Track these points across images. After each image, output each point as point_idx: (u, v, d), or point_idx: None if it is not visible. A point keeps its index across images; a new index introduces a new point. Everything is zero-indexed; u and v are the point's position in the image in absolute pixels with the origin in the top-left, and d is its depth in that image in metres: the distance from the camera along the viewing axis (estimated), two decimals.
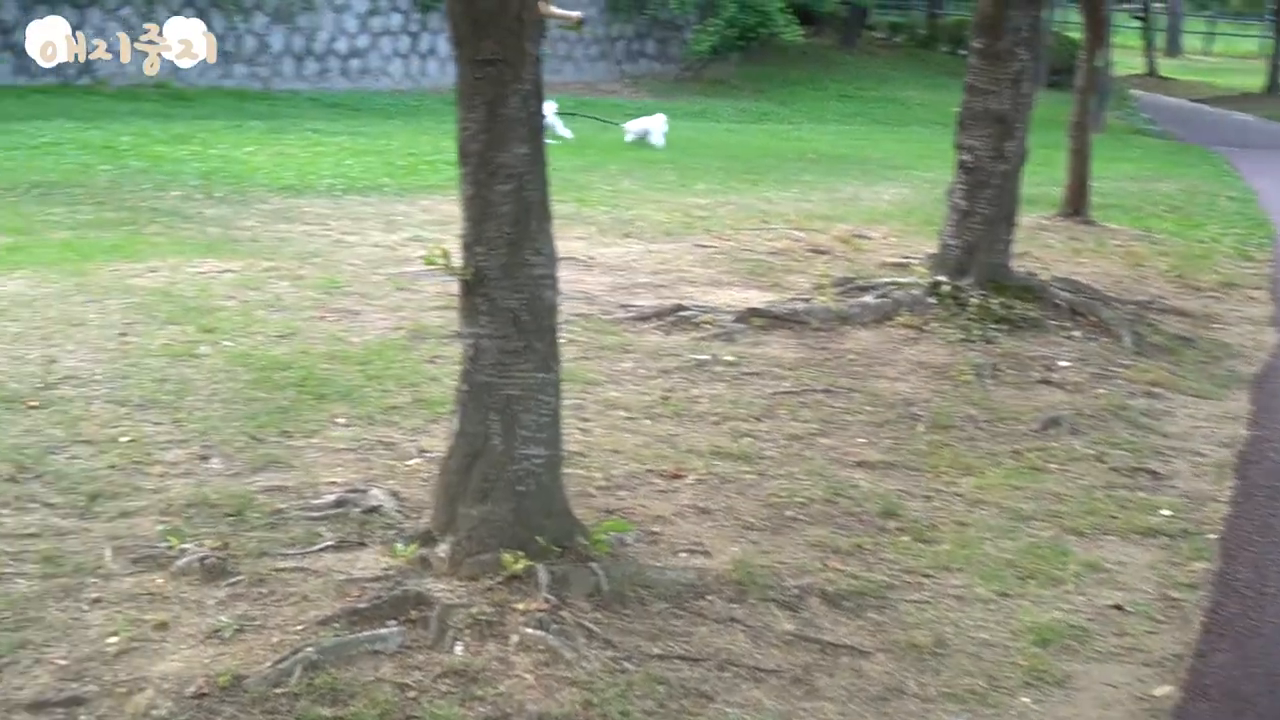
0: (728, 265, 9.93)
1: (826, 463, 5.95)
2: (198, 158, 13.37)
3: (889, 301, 8.53)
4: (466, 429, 4.57)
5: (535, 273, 4.64)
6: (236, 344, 7.00)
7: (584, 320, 8.07)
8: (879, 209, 13.35)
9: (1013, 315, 8.39)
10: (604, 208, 12.23)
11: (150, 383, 6.27)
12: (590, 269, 9.56)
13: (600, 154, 16.55)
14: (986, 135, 8.70)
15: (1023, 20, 8.62)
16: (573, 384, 6.76)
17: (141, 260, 8.68)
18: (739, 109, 26.54)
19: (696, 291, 9.06)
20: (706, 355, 7.49)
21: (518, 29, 4.55)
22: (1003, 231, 8.82)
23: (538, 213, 4.66)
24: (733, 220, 12.03)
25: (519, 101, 4.58)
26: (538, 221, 4.66)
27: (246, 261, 8.91)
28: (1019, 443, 6.43)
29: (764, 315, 8.19)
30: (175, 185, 11.72)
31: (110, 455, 5.38)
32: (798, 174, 16.12)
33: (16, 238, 9.16)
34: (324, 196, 11.83)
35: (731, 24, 28.83)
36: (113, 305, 7.53)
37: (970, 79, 8.80)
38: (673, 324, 8.10)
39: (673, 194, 13.48)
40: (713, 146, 18.63)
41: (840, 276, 9.44)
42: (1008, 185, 8.77)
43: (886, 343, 8.02)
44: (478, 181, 4.62)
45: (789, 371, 7.32)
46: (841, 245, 11.10)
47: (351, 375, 6.64)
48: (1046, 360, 7.83)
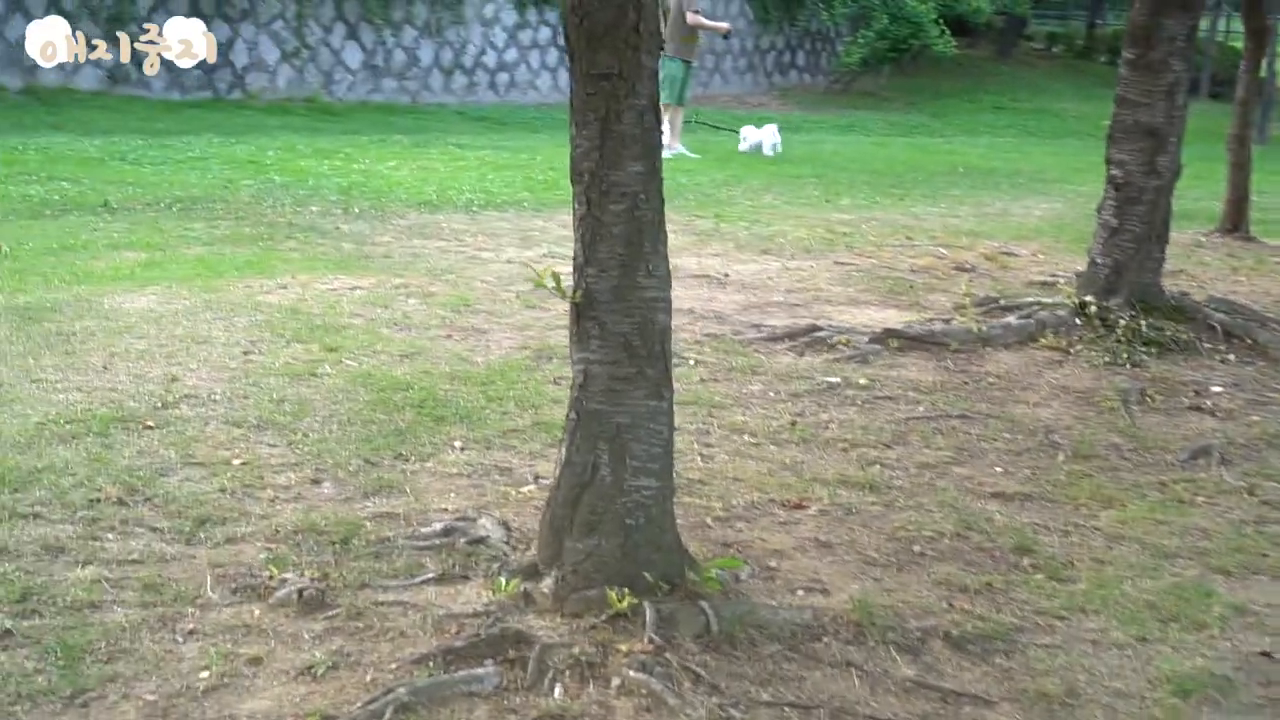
0: (867, 283, 9.67)
1: (959, 493, 5.69)
2: (339, 173, 13.40)
3: (1033, 322, 8.23)
4: (574, 459, 4.40)
5: (648, 295, 4.45)
6: (359, 363, 6.91)
7: (714, 340, 7.87)
8: (1029, 224, 13.00)
9: (1163, 337, 8.04)
10: (744, 223, 12.04)
11: (268, 403, 6.19)
12: (725, 287, 9.37)
13: (743, 168, 16.36)
14: (1138, 149, 8.35)
15: (1177, 29, 8.27)
16: (698, 408, 6.60)
17: (273, 277, 8.66)
18: (889, 122, 26.18)
19: (833, 311, 8.82)
20: (838, 378, 7.25)
21: (635, 41, 4.37)
22: (1154, 250, 8.46)
23: (651, 233, 4.47)
24: (876, 236, 11.77)
25: (634, 117, 4.40)
26: (651, 242, 4.47)
27: (378, 278, 8.84)
28: (1165, 473, 6.11)
29: (901, 336, 7.93)
30: (315, 200, 11.74)
31: (221, 478, 5.29)
32: (946, 188, 15.80)
33: (152, 253, 9.20)
34: (461, 212, 11.77)
35: (883, 36, 28.50)
36: (240, 322, 7.49)
37: (1121, 91, 8.46)
38: (806, 345, 7.87)
39: (815, 209, 13.24)
40: (859, 160, 18.34)
41: (983, 296, 9.15)
42: (1160, 201, 8.41)
43: (1029, 366, 7.72)
44: (589, 200, 4.45)
45: (924, 395, 7.05)
46: (987, 263, 10.79)
47: (472, 396, 6.51)
48: (1198, 385, 7.48)
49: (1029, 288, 9.76)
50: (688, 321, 8.28)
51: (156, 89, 19.18)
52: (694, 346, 7.73)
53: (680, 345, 7.69)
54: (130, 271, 8.61)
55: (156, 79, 19.10)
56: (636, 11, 4.36)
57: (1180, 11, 8.26)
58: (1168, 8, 8.24)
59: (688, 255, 10.41)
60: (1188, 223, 13.69)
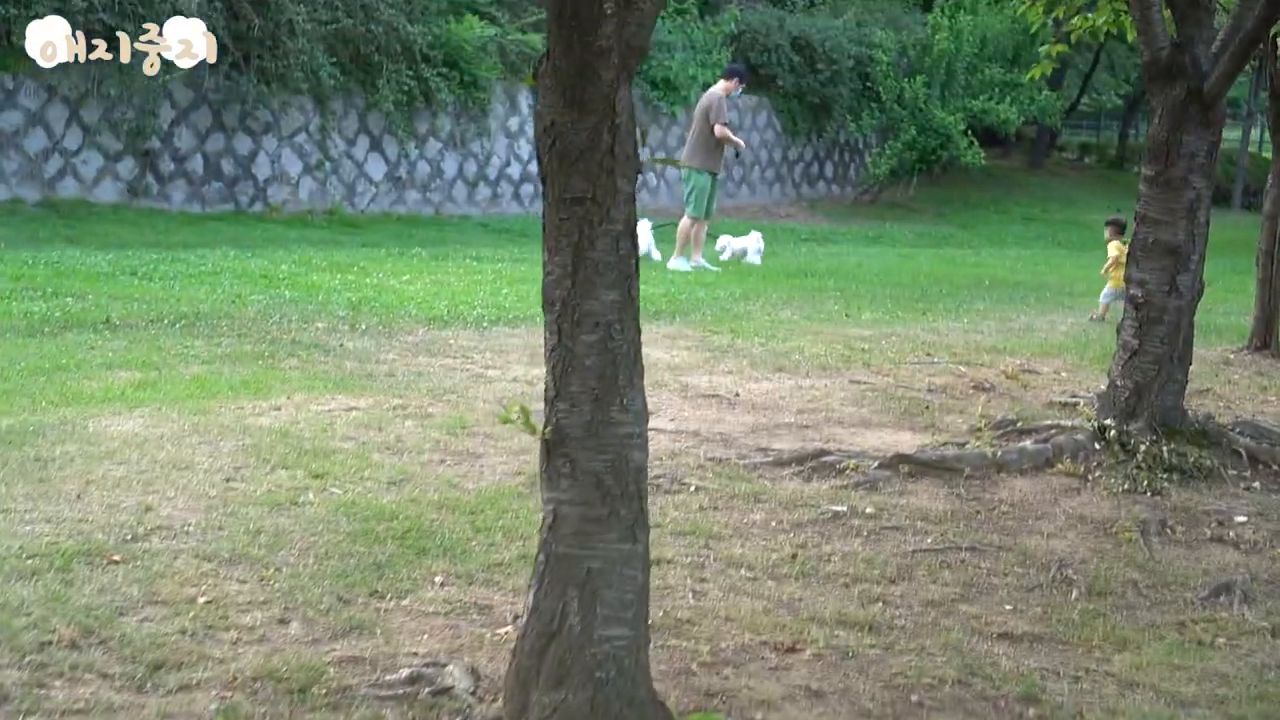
0: (882, 404, 9.39)
1: (964, 634, 5.38)
2: (351, 287, 13.24)
3: (1049, 447, 7.93)
4: (542, 606, 4.13)
5: (622, 431, 4.20)
6: (344, 491, 6.66)
7: (717, 465, 7.60)
8: (1053, 341, 12.72)
9: (1185, 464, 7.73)
10: (760, 339, 11.79)
11: (243, 535, 5.94)
12: (734, 407, 9.11)
13: (762, 281, 16.16)
14: (1159, 269, 8.09)
15: (1197, 145, 8.04)
16: (696, 538, 6.34)
17: (267, 397, 8.44)
18: (916, 233, 26.03)
19: (844, 433, 8.54)
20: (844, 506, 6.96)
21: (609, 165, 4.16)
22: (1176, 371, 8.17)
23: (626, 366, 4.22)
24: (895, 353, 11.50)
25: (609, 243, 4.19)
26: (626, 375, 4.22)
27: (376, 398, 8.62)
28: (1184, 612, 5.80)
29: (912, 461, 7.64)
30: (323, 316, 11.56)
31: (184, 618, 5.03)
32: (970, 302, 15.55)
33: (147, 373, 8.99)
34: (471, 328, 11.57)
35: (911, 146, 28.46)
36: (226, 447, 7.26)
37: (1141, 208, 8.22)
38: (813, 470, 7.59)
39: (834, 324, 13.00)
40: (884, 273, 18.14)
41: (1000, 418, 8.85)
42: (1181, 322, 8.13)
43: (1044, 493, 7.43)
44: (561, 330, 4.21)
45: (933, 526, 6.76)
46: (1007, 382, 10.50)
47: (459, 526, 6.25)
48: (1221, 515, 7.17)
49: (1048, 409, 9.47)
50: (692, 445, 8.03)
51: (176, 201, 19.19)
52: (696, 471, 7.47)
53: (683, 470, 7.44)
54: (121, 392, 8.41)
55: (176, 191, 19.07)
56: (611, 134, 4.15)
57: (1200, 127, 8.04)
58: (1187, 123, 8.02)
59: (700, 373, 10.18)
60: (1217, 338, 13.42)
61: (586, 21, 4.07)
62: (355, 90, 20.92)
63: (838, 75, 28.95)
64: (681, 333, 12.02)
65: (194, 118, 19.16)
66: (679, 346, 11.31)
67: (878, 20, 30.95)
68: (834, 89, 29.02)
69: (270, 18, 18.84)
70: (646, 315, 12.81)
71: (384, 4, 20.32)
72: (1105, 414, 8.15)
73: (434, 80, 21.35)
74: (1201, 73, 7.96)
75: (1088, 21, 11.31)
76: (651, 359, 10.65)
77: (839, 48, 28.88)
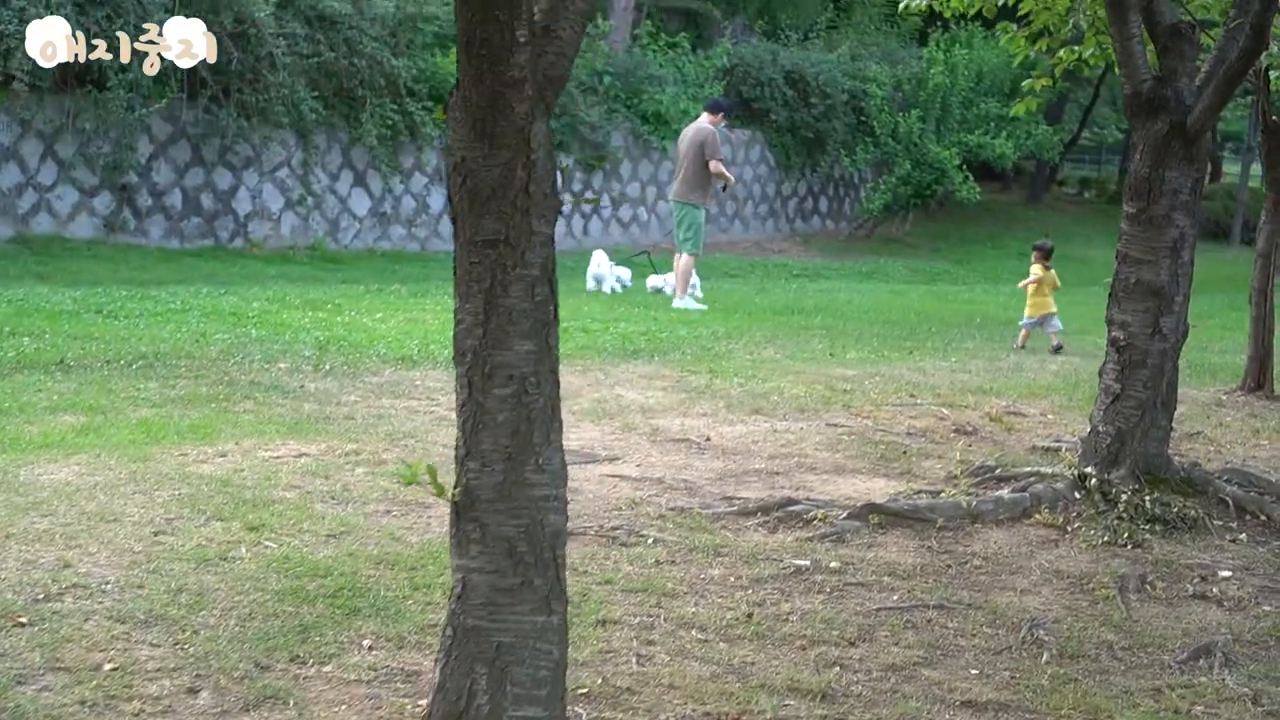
0: (857, 449, 9.06)
1: (925, 703, 5.05)
2: (321, 325, 12.92)
3: (1028, 496, 7.60)
4: (448, 683, 3.81)
5: (537, 494, 3.89)
6: (279, 544, 6.32)
7: (679, 515, 7.26)
8: (1041, 381, 12.38)
9: (1168, 514, 7.40)
10: (739, 379, 11.46)
11: (163, 594, 5.60)
12: (703, 452, 8.78)
13: (747, 318, 15.86)
14: (1141, 310, 7.77)
15: (1181, 182, 7.73)
16: (647, 595, 6.01)
17: (214, 443, 8.11)
18: (911, 268, 25.74)
19: (816, 480, 8.21)
20: (808, 560, 6.62)
21: (524, 204, 3.86)
22: (1159, 417, 7.84)
23: (543, 422, 3.91)
24: (877, 394, 11.17)
25: (523, 289, 3.88)
26: (543, 432, 3.90)
27: (329, 444, 8.29)
28: (1161, 677, 5.47)
29: (882, 511, 7.30)
30: (287, 356, 11.23)
31: (86, 687, 4.69)
32: (960, 340, 15.23)
33: (92, 417, 8.66)
34: (441, 368, 11.24)
35: (905, 181, 28.19)
36: (161, 497, 6.93)
37: (1123, 247, 7.90)
38: (779, 520, 7.25)
39: (818, 364, 12.67)
40: (873, 310, 17.83)
41: (979, 464, 8.52)
42: (1165, 366, 7.81)
43: (1020, 546, 7.09)
44: (471, 384, 3.91)
45: (901, 581, 6.42)
46: (991, 424, 10.17)
47: (396, 584, 5.92)
48: (1204, 569, 6.83)
49: (1031, 454, 9.15)
50: (655, 493, 7.70)
51: (154, 237, 18.88)
52: (656, 522, 7.13)
53: (642, 521, 7.11)
54: (61, 438, 8.08)
55: (154, 226, 18.76)
56: (526, 170, 3.85)
57: (1184, 163, 7.73)
58: (1170, 159, 7.71)
59: (673, 415, 9.86)
60: (1210, 378, 13.09)
61: (497, 50, 3.77)
62: (339, 124, 20.65)
63: (831, 109, 28.70)
64: (659, 373, 11.70)
65: (172, 152, 18.87)
66: (654, 387, 10.99)
67: (872, 54, 30.71)
68: (828, 123, 28.77)
69: (250, 51, 18.58)
70: (625, 354, 12.55)
71: (367, 37, 20.07)
72: (1086, 461, 7.83)
73: (419, 114, 21.09)
74: (1185, 106, 7.66)
75: (1074, 54, 11.02)
76: (625, 400, 10.37)
77: (833, 81, 28.63)
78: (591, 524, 7.00)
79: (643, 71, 25.47)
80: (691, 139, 16.93)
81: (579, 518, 7.06)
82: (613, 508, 7.36)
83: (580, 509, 7.23)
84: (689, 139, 17.00)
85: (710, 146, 16.68)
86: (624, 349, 12.83)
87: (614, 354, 12.54)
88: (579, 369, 11.63)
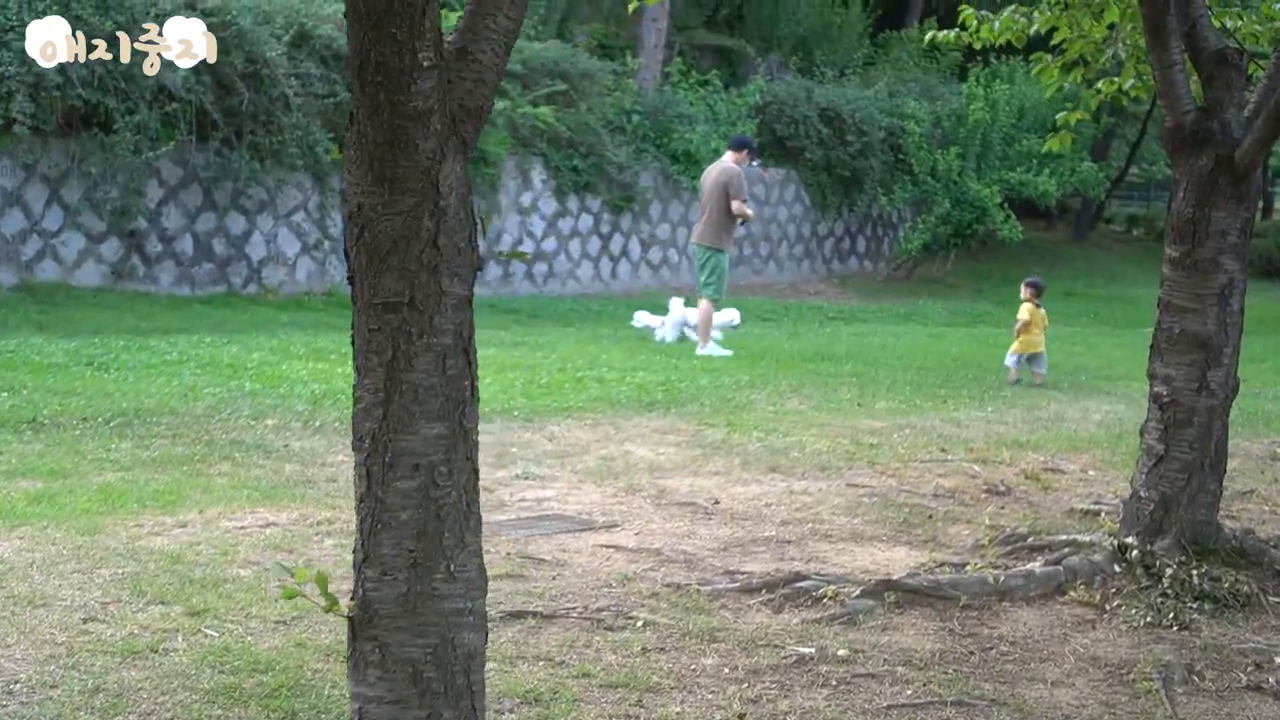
0: (878, 513, 8.35)
1: None
2: (321, 377, 12.29)
3: (1062, 570, 6.88)
4: None
5: (448, 607, 3.24)
6: (221, 633, 5.68)
7: (675, 593, 6.58)
8: (1083, 433, 11.64)
9: (1218, 590, 6.67)
10: (758, 433, 10.77)
11: (79, 694, 4.96)
12: (710, 518, 8.10)
13: (774, 365, 15.15)
14: (1187, 364, 7.06)
15: (1229, 223, 7.02)
16: (628, 692, 5.34)
17: (176, 512, 7.49)
18: (951, 310, 24.99)
19: (830, 550, 7.51)
20: (813, 647, 5.92)
21: (432, 260, 3.23)
22: (1207, 481, 7.11)
23: (456, 520, 3.25)
24: (906, 449, 10.46)
25: (431, 362, 3.24)
26: (456, 533, 3.25)
27: (302, 511, 7.67)
28: None
29: (899, 589, 6.59)
30: (278, 411, 10.60)
31: None
32: (998, 388, 14.49)
33: (50, 482, 8.04)
34: None
35: (945, 220, 27.47)
36: (101, 577, 6.30)
37: (1165, 294, 7.19)
38: (785, 598, 6.56)
39: (844, 415, 11.96)
40: (908, 355, 17.10)
41: (1010, 532, 7.82)
42: (1213, 424, 7.08)
43: (1053, 628, 6.37)
44: (370, 475, 3.25)
45: (916, 672, 5.71)
46: (1026, 483, 9.45)
47: (342, 681, 5.21)
48: (1259, 656, 6.09)
49: (1068, 517, 8.42)
50: (651, 566, 7.02)
51: (164, 284, 18.30)
52: (648, 602, 6.45)
53: (632, 601, 6.44)
54: (12, 506, 7.46)
55: (164, 273, 18.19)
56: (435, 220, 3.21)
57: (1232, 202, 7.02)
58: (1217, 197, 7.00)
59: (683, 474, 9.19)
60: (1265, 428, 12.32)
61: (396, 76, 3.13)
62: None
63: (868, 147, 28.00)
64: (674, 426, 11.03)
65: (183, 196, 18.30)
66: (667, 443, 10.32)
67: (910, 90, 30.00)
68: (864, 161, 28.06)
69: (264, 92, 18.04)
70: (639, 406, 11.87)
71: None
72: (1127, 530, 7.12)
73: None
74: (1232, 140, 6.95)
75: (1113, 85, 10.31)
76: (633, 458, 9.69)
77: (869, 119, 27.94)
78: (576, 604, 6.34)
79: (672, 110, 24.85)
80: (715, 179, 16.21)
81: (562, 597, 6.43)
82: (602, 584, 6.69)
83: (566, 586, 6.59)
84: (712, 179, 16.28)
85: (734, 187, 15.95)
86: (639, 400, 12.16)
87: (628, 406, 11.87)
88: (589, 423, 10.98)
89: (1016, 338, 15.32)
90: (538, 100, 22.10)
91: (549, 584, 6.63)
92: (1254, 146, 6.88)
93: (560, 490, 8.68)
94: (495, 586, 6.48)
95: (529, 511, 8.11)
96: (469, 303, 3.35)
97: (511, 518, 7.91)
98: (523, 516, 7.97)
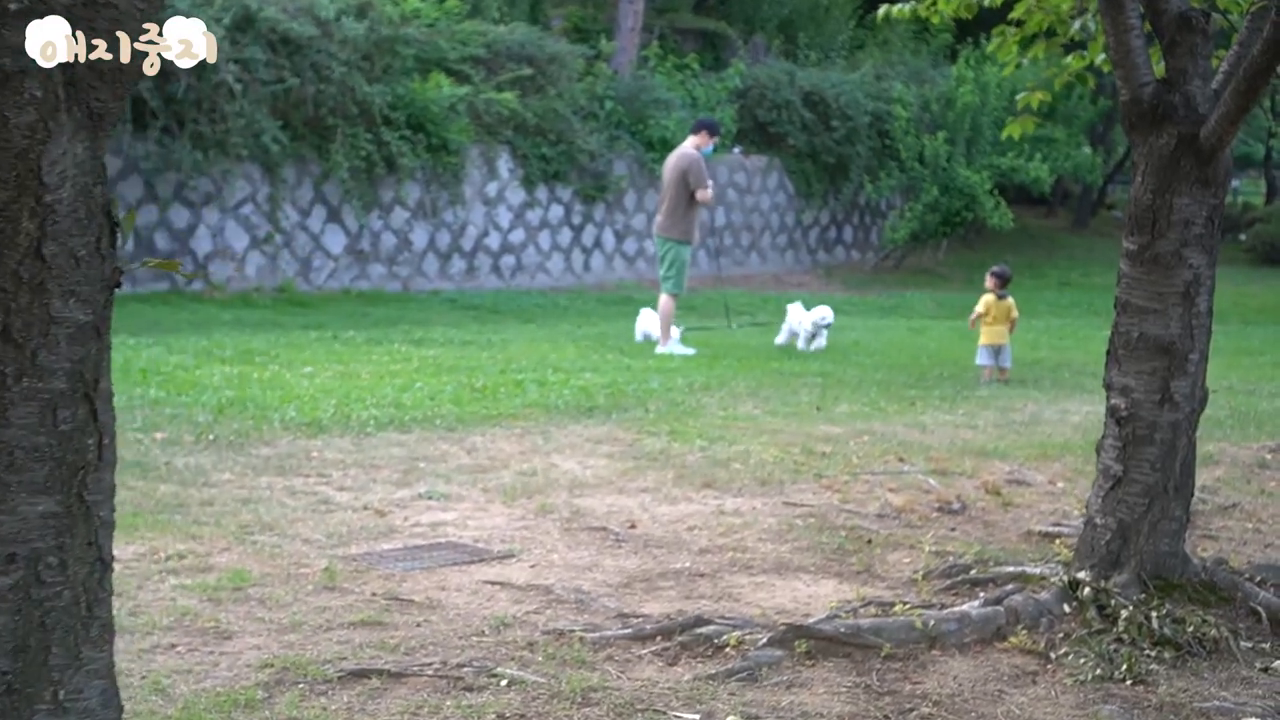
0: (810, 538, 7.48)
1: None
2: (235, 383, 11.42)
3: (1002, 611, 5.99)
4: None
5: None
6: None
7: (553, 643, 5.69)
8: (1057, 438, 10.75)
9: (1180, 635, 5.77)
10: (702, 442, 9.90)
11: None
12: (619, 546, 7.22)
13: (735, 364, 14.28)
14: (1147, 372, 6.18)
15: (1194, 210, 6.13)
16: None
17: None
18: (940, 302, 24.09)
19: (747, 585, 6.63)
20: (699, 714, 5.04)
21: (38, 275, 2.39)
22: (1172, 506, 6.22)
23: (68, 633, 2.43)
24: (859, 458, 9.59)
25: (34, 416, 2.44)
26: (68, 650, 2.45)
27: (156, 543, 6.81)
28: None
29: (813, 635, 5.69)
30: (174, 423, 9.73)
31: None
32: (972, 387, 13.62)
33: None
34: (351, 433, 9.74)
35: (933, 208, 26.52)
36: None
37: (1122, 293, 6.32)
38: (682, 647, 5.68)
39: (800, 421, 11.08)
40: (882, 351, 16.22)
41: (953, 561, 6.94)
42: (1178, 441, 6.19)
43: (986, 682, 5.48)
44: None
45: None
46: (985, 498, 8.58)
47: None
48: (1224, 715, 5.20)
49: (1023, 542, 7.56)
50: (537, 608, 6.15)
51: None
52: (521, 654, 5.57)
53: (503, 652, 5.55)
54: None
55: None
56: (37, 220, 2.34)
57: (1197, 187, 6.12)
58: (1179, 182, 6.11)
59: (605, 493, 8.33)
60: (1256, 430, 11.43)
61: None
62: (309, 156, 19.17)
63: (854, 132, 27.08)
64: (611, 435, 10.16)
65: (122, 188, 17.37)
66: (599, 454, 9.45)
67: (898, 73, 29.05)
68: (850, 147, 27.13)
69: (206, 78, 17.14)
70: (578, 412, 10.98)
71: (336, 62, 18.60)
72: (1081, 563, 6.25)
73: (396, 144, 19.58)
74: (1197, 115, 6.06)
75: (1082, 60, 9.42)
76: (555, 473, 8.81)
77: (854, 103, 27.01)
78: (434, 658, 5.45)
79: (648, 95, 23.92)
80: (674, 166, 15.29)
81: (421, 649, 5.56)
82: (473, 632, 5.81)
83: (429, 635, 5.72)
84: (671, 166, 15.37)
85: (694, 175, 15.02)
86: (579, 405, 11.28)
87: (565, 412, 11.00)
88: (518, 432, 10.11)
89: (970, 327, 14.51)
90: (502, 85, 21.17)
91: (410, 633, 5.76)
92: (1221, 123, 5.97)
93: (462, 513, 7.82)
94: (346, 637, 5.65)
95: (420, 539, 7.26)
96: (97, 332, 2.49)
97: (396, 547, 7.06)
98: (410, 545, 7.11)
